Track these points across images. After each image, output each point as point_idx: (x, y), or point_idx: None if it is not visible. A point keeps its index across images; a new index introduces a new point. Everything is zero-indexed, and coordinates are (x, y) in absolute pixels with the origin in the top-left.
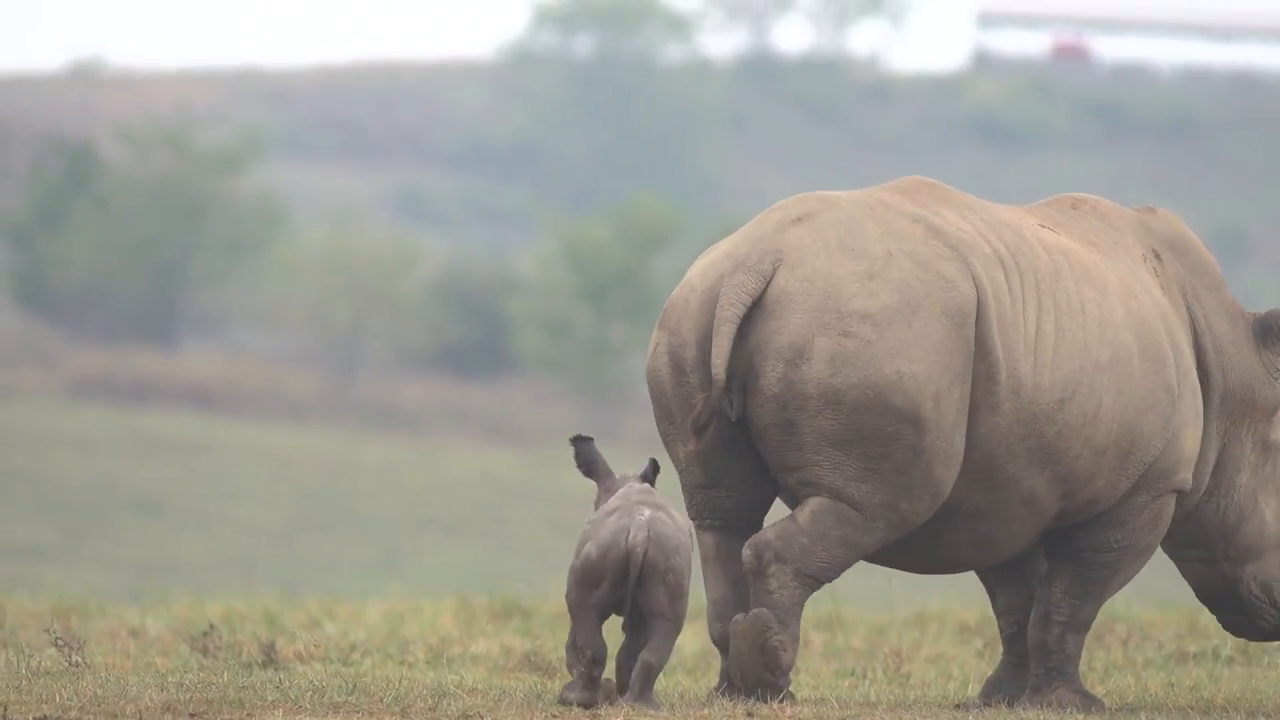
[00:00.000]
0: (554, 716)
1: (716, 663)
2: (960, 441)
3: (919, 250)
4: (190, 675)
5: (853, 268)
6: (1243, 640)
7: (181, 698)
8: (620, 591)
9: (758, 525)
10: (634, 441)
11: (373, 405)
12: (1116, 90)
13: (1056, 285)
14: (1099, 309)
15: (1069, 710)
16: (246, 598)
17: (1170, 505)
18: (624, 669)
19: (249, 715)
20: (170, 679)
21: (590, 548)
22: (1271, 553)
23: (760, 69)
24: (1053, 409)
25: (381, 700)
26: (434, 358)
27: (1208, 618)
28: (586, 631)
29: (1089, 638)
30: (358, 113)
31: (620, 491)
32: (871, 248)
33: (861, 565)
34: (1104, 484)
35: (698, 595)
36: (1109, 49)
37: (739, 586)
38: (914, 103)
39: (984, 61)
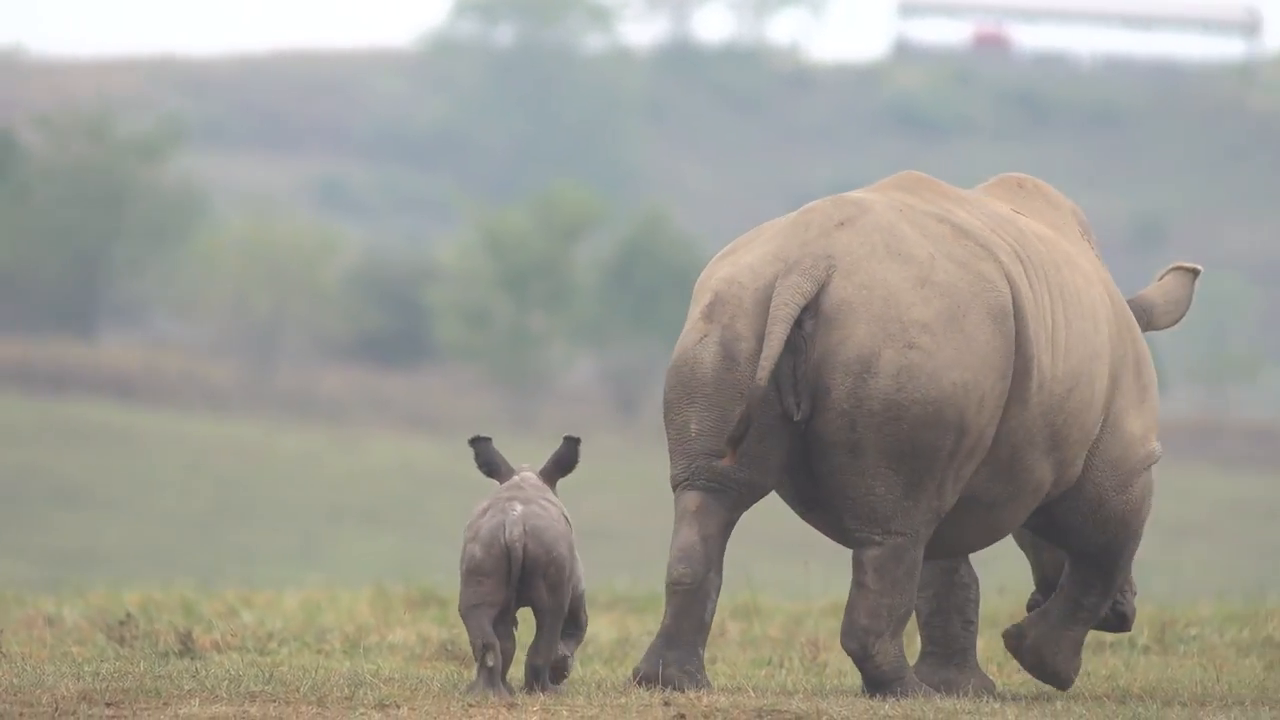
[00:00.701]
0: (470, 705)
1: (634, 651)
2: (990, 434)
3: (955, 251)
4: (107, 664)
5: (904, 273)
6: (1153, 629)
7: (98, 687)
8: (507, 588)
9: (752, 499)
10: (553, 430)
11: (292, 394)
12: (1037, 79)
13: (1059, 276)
14: (1088, 296)
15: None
16: (164, 587)
17: (1145, 479)
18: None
19: (165, 704)
20: (86, 668)
21: (474, 548)
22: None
23: (681, 58)
24: (1063, 398)
25: (298, 689)
26: (353, 347)
27: None
28: (477, 626)
29: (994, 632)
30: (277, 102)
31: (494, 491)
32: (916, 251)
33: (777, 553)
34: (1076, 467)
35: (609, 589)
36: (1029, 38)
37: (709, 542)
38: (835, 92)
39: (904, 51)
